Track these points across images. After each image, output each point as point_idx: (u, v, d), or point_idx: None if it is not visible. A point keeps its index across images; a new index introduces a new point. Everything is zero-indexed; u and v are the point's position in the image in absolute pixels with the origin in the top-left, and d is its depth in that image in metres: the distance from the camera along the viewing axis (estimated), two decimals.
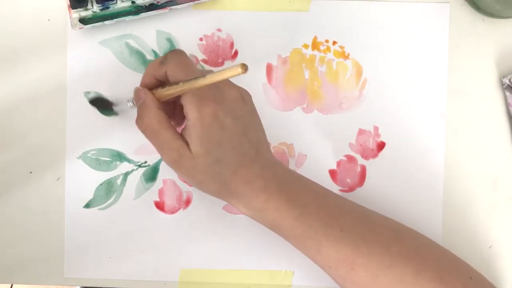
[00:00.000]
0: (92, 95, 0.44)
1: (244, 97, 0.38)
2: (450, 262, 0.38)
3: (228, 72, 0.32)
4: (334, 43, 0.45)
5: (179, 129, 0.38)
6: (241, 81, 0.44)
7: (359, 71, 0.45)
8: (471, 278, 0.38)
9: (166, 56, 0.37)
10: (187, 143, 0.36)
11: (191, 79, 0.34)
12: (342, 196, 0.40)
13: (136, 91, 0.38)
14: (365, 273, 0.36)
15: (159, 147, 0.37)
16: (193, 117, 0.35)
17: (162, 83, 0.38)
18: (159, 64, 0.37)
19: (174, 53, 0.37)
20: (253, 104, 0.39)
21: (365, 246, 0.36)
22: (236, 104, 0.37)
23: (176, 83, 0.36)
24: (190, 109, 0.35)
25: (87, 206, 0.44)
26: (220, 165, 0.36)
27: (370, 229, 0.38)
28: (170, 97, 0.37)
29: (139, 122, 0.37)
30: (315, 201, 0.38)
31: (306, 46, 0.45)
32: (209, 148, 0.36)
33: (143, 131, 0.37)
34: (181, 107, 0.37)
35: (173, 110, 0.40)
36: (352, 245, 0.36)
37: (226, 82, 0.37)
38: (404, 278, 0.36)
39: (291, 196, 0.37)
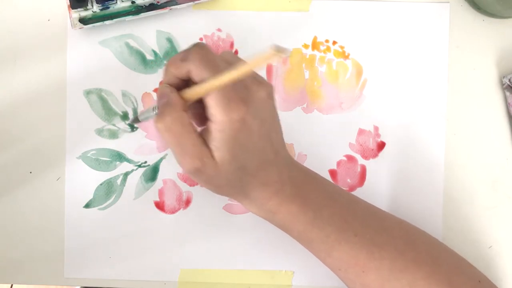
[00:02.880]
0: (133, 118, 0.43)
1: (271, 95, 0.35)
2: (459, 265, 0.38)
3: (262, 58, 0.28)
4: (334, 43, 0.45)
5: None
6: None
7: (359, 71, 0.45)
8: (479, 281, 0.37)
9: (188, 51, 0.33)
10: (209, 149, 0.33)
11: (219, 74, 0.31)
12: (354, 195, 0.39)
13: (161, 88, 0.34)
14: (376, 277, 0.36)
15: (180, 153, 0.33)
16: (221, 121, 0.32)
17: (185, 82, 0.34)
18: (180, 61, 0.33)
19: (197, 48, 0.33)
20: (275, 101, 0.36)
21: (378, 250, 0.36)
22: (264, 105, 0.34)
23: (202, 81, 0.32)
24: (217, 112, 0.32)
25: (87, 206, 0.44)
26: (242, 171, 0.34)
27: (383, 232, 0.37)
28: (197, 98, 0.33)
29: (160, 123, 0.33)
30: (329, 203, 0.37)
31: (306, 46, 0.45)
32: (235, 155, 0.33)
33: (163, 133, 0.33)
34: (201, 107, 0.34)
35: (199, 110, 0.35)
36: (365, 249, 0.36)
37: (254, 79, 0.34)
38: (415, 283, 0.35)
39: (305, 200, 0.36)
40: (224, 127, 0.32)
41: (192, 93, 0.33)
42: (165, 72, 0.34)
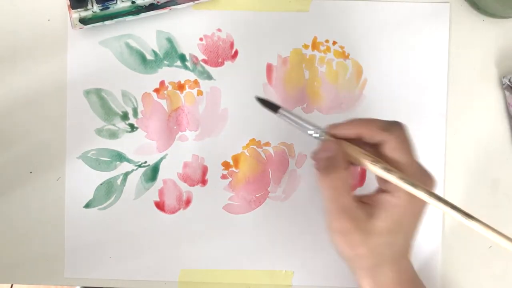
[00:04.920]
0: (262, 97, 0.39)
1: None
2: None
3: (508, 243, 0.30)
4: (334, 43, 0.45)
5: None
6: (242, 80, 0.44)
7: (359, 71, 0.45)
8: None
9: (390, 125, 0.34)
10: (366, 214, 0.34)
11: (427, 191, 0.32)
12: None
13: (330, 144, 0.35)
14: None
15: (333, 211, 0.34)
16: (403, 199, 0.33)
17: (355, 139, 0.35)
18: (379, 129, 0.34)
19: (400, 126, 0.34)
20: None
21: None
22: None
23: (389, 170, 0.33)
24: (403, 191, 0.33)
25: (87, 206, 0.44)
26: (388, 249, 0.34)
27: None
28: (364, 168, 0.34)
29: (325, 178, 0.34)
30: None
31: (306, 46, 0.45)
32: (393, 232, 0.34)
33: (325, 189, 0.34)
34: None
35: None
36: None
37: (426, 171, 0.35)
38: None
39: None
40: (403, 205, 0.33)
41: (370, 168, 0.34)
42: (346, 125, 0.35)
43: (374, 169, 0.34)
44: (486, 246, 0.45)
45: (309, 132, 0.36)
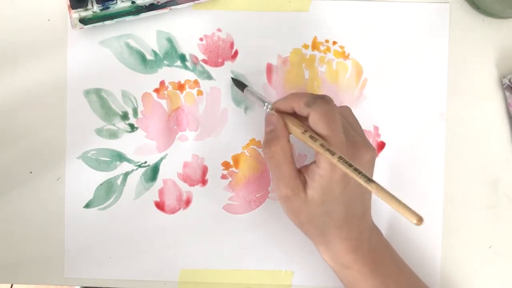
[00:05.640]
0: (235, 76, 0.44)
1: (373, 159, 0.38)
2: None
3: (402, 210, 0.30)
4: (334, 43, 0.45)
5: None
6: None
7: (359, 71, 0.45)
8: None
9: (314, 99, 0.36)
10: (303, 183, 0.36)
11: (338, 157, 0.33)
12: (414, 273, 0.41)
13: (270, 116, 0.38)
14: None
15: (276, 179, 0.37)
16: (325, 169, 0.35)
17: (295, 114, 0.37)
18: (304, 104, 0.36)
19: (322, 101, 0.36)
20: (374, 166, 0.39)
21: None
22: (365, 166, 0.37)
23: (313, 138, 0.35)
24: (324, 161, 0.35)
25: (87, 206, 0.44)
26: (328, 217, 0.37)
27: None
28: (300, 140, 0.36)
29: (267, 149, 0.37)
30: (395, 273, 0.39)
31: (306, 46, 0.45)
32: (326, 199, 0.36)
33: (267, 158, 0.37)
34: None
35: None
36: None
37: (363, 140, 0.37)
38: None
39: (376, 264, 0.38)
40: (326, 175, 0.35)
41: (299, 137, 0.36)
42: (284, 100, 0.38)
43: (302, 138, 0.36)
44: (486, 246, 0.45)
45: (264, 107, 0.39)
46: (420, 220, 0.29)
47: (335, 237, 0.37)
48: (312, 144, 0.35)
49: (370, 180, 0.32)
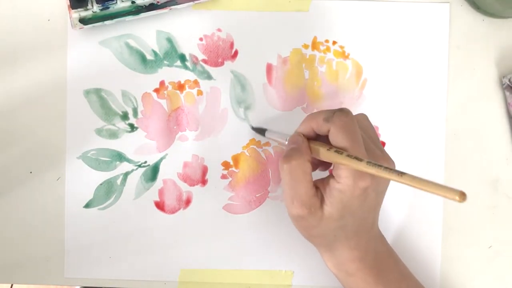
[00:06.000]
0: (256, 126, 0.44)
1: None
2: None
3: (443, 192, 0.28)
4: (334, 43, 0.45)
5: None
6: (242, 80, 0.44)
7: (359, 71, 0.45)
8: None
9: (331, 114, 0.35)
10: (320, 201, 0.35)
11: (367, 162, 0.32)
12: (418, 281, 0.40)
13: (294, 137, 0.37)
14: None
15: (291, 196, 0.35)
16: (346, 184, 0.34)
17: (318, 136, 0.37)
18: (323, 120, 0.35)
19: (341, 114, 0.35)
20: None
21: None
22: (384, 180, 0.36)
23: (339, 152, 0.34)
24: (347, 176, 0.34)
25: (87, 206, 0.44)
26: (340, 230, 0.36)
27: None
28: (327, 160, 0.36)
29: (286, 163, 0.35)
30: (398, 281, 0.39)
31: (306, 46, 0.45)
32: (343, 215, 0.35)
33: (285, 174, 0.35)
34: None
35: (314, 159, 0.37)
36: None
37: (383, 155, 0.36)
38: None
39: (380, 274, 0.38)
40: (347, 190, 0.34)
41: (324, 155, 0.35)
42: (304, 122, 0.37)
43: (327, 155, 0.35)
44: (486, 246, 0.45)
45: (286, 140, 0.39)
46: (462, 195, 0.27)
47: (343, 248, 0.37)
48: (337, 158, 0.34)
49: (402, 173, 0.30)
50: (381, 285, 0.38)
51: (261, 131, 0.43)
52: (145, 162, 0.44)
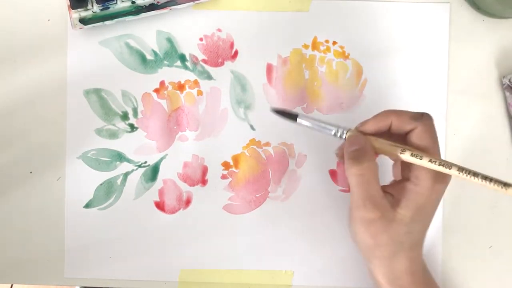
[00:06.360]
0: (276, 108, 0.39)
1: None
2: None
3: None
4: (334, 43, 0.45)
5: None
6: (242, 80, 0.44)
7: (359, 71, 0.45)
8: None
9: (420, 114, 0.36)
10: (390, 203, 0.35)
11: (458, 168, 0.33)
12: None
13: (355, 137, 0.36)
14: None
15: (363, 200, 0.35)
16: (426, 187, 0.34)
17: (380, 133, 0.37)
18: (410, 118, 0.35)
19: (429, 116, 0.36)
20: None
21: None
22: (447, 186, 0.37)
23: (419, 154, 0.34)
24: (426, 177, 0.34)
25: (87, 206, 0.44)
26: (407, 237, 0.36)
27: None
28: (395, 159, 0.36)
29: (355, 166, 0.35)
30: None
31: (306, 46, 0.45)
32: (416, 219, 0.35)
33: (355, 177, 0.35)
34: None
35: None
36: None
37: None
38: None
39: (428, 286, 0.37)
40: (425, 193, 0.35)
41: (397, 157, 0.35)
42: (378, 117, 0.36)
43: (404, 157, 0.35)
44: (486, 246, 0.45)
45: (332, 132, 0.37)
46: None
47: (404, 259, 0.36)
48: (416, 161, 0.34)
49: (507, 184, 0.31)
50: None
51: (287, 115, 0.38)
52: (145, 162, 0.44)
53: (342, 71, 0.45)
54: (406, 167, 0.37)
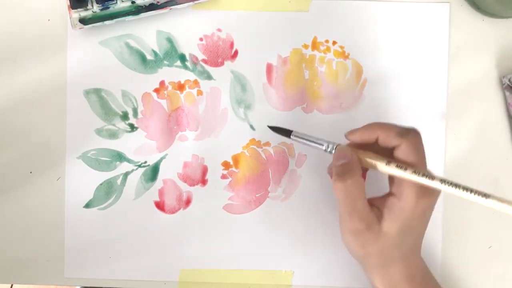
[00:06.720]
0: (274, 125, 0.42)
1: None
2: None
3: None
4: (334, 43, 0.45)
5: None
6: (242, 80, 0.44)
7: (359, 71, 0.45)
8: None
9: (407, 130, 0.36)
10: (377, 217, 0.36)
11: (440, 179, 0.33)
12: None
13: (343, 150, 0.37)
14: None
15: (349, 212, 0.36)
16: (409, 202, 0.35)
17: (366, 146, 0.37)
18: (396, 134, 0.36)
19: (416, 133, 0.36)
20: None
21: None
22: (436, 202, 0.37)
23: (403, 166, 0.34)
24: (410, 193, 0.35)
25: (87, 206, 0.44)
26: (397, 249, 0.36)
27: None
28: (388, 174, 0.36)
29: (341, 182, 0.36)
30: None
31: (306, 46, 0.45)
32: (401, 233, 0.35)
33: (340, 193, 0.36)
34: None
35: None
36: None
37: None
38: None
39: None
40: (409, 208, 0.35)
41: (384, 170, 0.35)
42: (363, 130, 0.37)
43: (388, 169, 0.35)
44: (486, 246, 0.45)
45: (323, 148, 0.38)
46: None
47: (398, 267, 0.37)
48: (401, 173, 0.34)
49: (486, 195, 0.31)
50: None
51: (282, 131, 0.41)
52: (145, 162, 0.44)
53: (342, 71, 0.45)
54: (392, 182, 0.37)
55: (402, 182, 0.35)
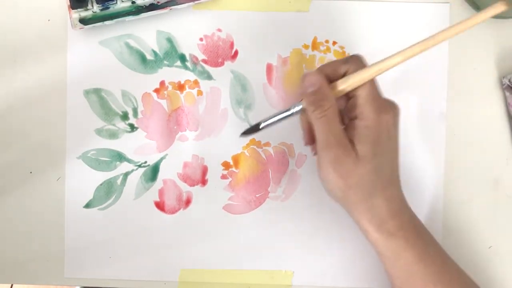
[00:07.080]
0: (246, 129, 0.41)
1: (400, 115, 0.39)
2: None
3: (490, 11, 0.32)
4: (334, 43, 0.45)
5: None
6: (242, 80, 0.44)
7: None
8: None
9: (348, 57, 0.37)
10: (351, 141, 0.36)
11: (381, 62, 0.36)
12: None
13: (310, 76, 0.37)
14: None
15: (326, 140, 0.36)
16: (370, 118, 0.36)
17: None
18: (341, 63, 0.37)
19: (357, 56, 0.38)
20: None
21: None
22: (399, 121, 0.38)
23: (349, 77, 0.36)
24: (368, 110, 0.36)
25: (87, 206, 0.44)
26: (376, 175, 0.36)
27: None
28: (348, 90, 0.37)
29: (318, 108, 0.36)
30: (433, 242, 0.38)
31: (306, 46, 0.45)
32: (375, 153, 0.36)
33: (318, 119, 0.36)
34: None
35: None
36: None
37: (386, 99, 0.38)
38: None
39: (418, 230, 0.37)
40: (372, 125, 0.36)
41: (346, 83, 0.36)
42: (316, 71, 0.37)
43: (347, 82, 0.36)
44: (486, 246, 0.45)
45: (291, 112, 0.38)
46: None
47: (381, 199, 0.36)
48: (357, 77, 0.36)
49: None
50: (421, 243, 0.37)
51: (254, 129, 0.40)
52: (145, 162, 0.44)
53: None
54: (352, 108, 0.37)
55: (361, 104, 0.36)
